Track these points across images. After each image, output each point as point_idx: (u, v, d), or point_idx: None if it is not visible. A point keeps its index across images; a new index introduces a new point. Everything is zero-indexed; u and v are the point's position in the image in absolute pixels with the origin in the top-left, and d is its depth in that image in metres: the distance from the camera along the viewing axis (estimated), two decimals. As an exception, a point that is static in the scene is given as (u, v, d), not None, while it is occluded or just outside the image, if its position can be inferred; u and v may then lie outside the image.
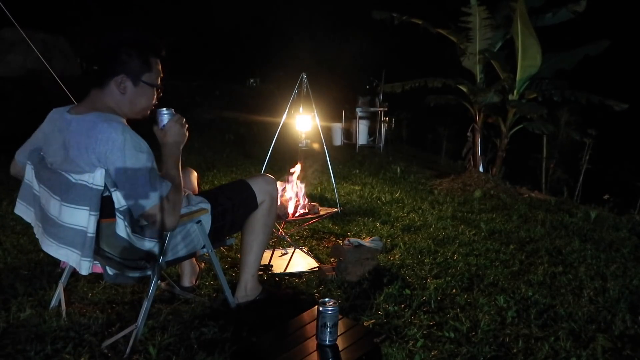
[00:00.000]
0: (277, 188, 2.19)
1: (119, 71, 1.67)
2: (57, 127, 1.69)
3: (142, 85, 1.71)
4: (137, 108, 1.74)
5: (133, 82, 1.69)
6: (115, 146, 1.55)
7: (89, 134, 1.57)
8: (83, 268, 1.59)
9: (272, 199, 2.14)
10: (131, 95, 1.70)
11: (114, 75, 1.67)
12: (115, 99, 1.69)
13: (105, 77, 1.68)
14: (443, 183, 5.35)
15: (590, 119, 6.38)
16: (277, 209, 2.24)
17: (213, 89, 14.47)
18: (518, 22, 4.80)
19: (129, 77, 1.68)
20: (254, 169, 5.85)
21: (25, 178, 1.80)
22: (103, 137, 1.55)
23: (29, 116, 3.52)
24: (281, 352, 1.46)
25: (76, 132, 1.61)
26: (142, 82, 1.71)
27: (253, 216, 2.10)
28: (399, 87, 6.14)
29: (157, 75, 1.76)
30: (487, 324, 2.04)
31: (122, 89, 1.68)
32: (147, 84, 1.72)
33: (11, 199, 3.64)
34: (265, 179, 2.15)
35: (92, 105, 1.68)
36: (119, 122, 1.60)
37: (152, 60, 1.73)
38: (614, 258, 2.98)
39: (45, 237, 1.70)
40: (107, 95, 1.69)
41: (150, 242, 1.76)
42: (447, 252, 3.00)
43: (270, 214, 2.14)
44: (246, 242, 2.12)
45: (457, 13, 5.31)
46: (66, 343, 1.78)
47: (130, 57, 1.68)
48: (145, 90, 1.73)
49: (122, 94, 1.69)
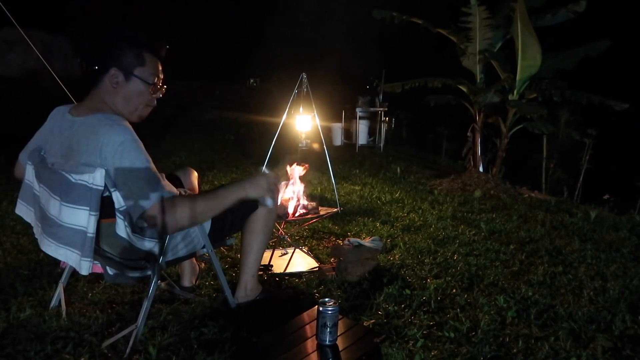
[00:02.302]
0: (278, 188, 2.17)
1: (111, 65, 1.67)
2: (59, 127, 1.70)
3: (134, 80, 1.69)
4: (132, 106, 1.72)
5: (125, 76, 1.68)
6: (115, 147, 1.55)
7: (91, 136, 1.57)
8: (83, 268, 1.59)
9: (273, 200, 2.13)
10: (124, 90, 1.69)
11: (106, 70, 1.67)
12: (110, 95, 1.68)
13: (99, 73, 1.68)
14: (443, 183, 5.35)
15: (590, 119, 6.38)
16: (277, 209, 2.23)
17: (213, 89, 14.48)
18: (518, 22, 4.80)
19: (121, 71, 1.67)
20: (254, 169, 5.85)
21: (26, 178, 1.80)
22: (104, 139, 1.55)
23: (29, 116, 3.52)
24: (281, 352, 1.46)
25: (78, 134, 1.61)
26: (134, 77, 1.69)
27: (253, 216, 2.08)
28: (399, 87, 6.13)
29: (152, 72, 1.74)
30: (487, 324, 2.04)
31: (114, 83, 1.67)
32: (139, 79, 1.70)
33: (11, 199, 3.64)
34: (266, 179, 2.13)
35: (92, 105, 1.68)
36: (120, 124, 1.60)
37: (145, 55, 1.71)
38: (614, 258, 2.98)
39: (45, 237, 1.70)
40: (103, 93, 1.69)
41: (150, 242, 1.76)
42: (447, 252, 3.00)
43: (271, 215, 2.12)
44: (246, 243, 2.11)
45: (457, 13, 5.31)
46: (66, 343, 1.78)
47: (122, 51, 1.67)
48: (137, 85, 1.70)
49: (115, 88, 1.68)
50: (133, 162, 1.57)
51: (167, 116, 8.18)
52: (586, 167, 6.15)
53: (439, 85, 5.70)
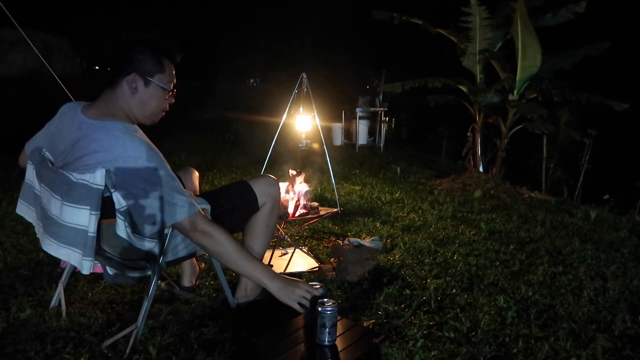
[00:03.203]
0: (279, 190, 2.14)
1: (132, 70, 1.66)
2: (67, 126, 1.67)
3: (154, 87, 1.70)
4: (147, 111, 1.73)
5: (144, 82, 1.68)
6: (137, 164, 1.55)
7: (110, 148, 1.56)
8: (85, 267, 1.59)
9: (274, 201, 2.10)
10: (142, 95, 1.69)
11: (126, 74, 1.66)
12: (126, 99, 1.68)
13: (117, 76, 1.67)
14: (443, 183, 5.35)
15: (590, 119, 6.38)
16: (279, 211, 2.21)
17: (213, 89, 14.47)
18: (518, 22, 4.80)
19: (140, 76, 1.67)
20: (254, 169, 5.85)
21: (26, 178, 1.80)
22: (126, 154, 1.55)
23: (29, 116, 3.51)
24: (281, 352, 1.46)
25: (91, 137, 1.59)
26: (154, 83, 1.70)
27: (254, 218, 2.07)
28: (399, 87, 6.13)
29: (169, 79, 1.74)
30: (487, 324, 2.04)
31: (133, 88, 1.67)
32: (158, 86, 1.71)
33: (11, 199, 3.64)
34: (267, 180, 2.11)
35: (106, 109, 1.67)
36: (140, 139, 1.59)
37: (165, 62, 1.72)
38: (614, 258, 2.98)
39: (46, 236, 1.70)
40: (119, 96, 1.68)
41: (150, 243, 1.76)
42: (447, 252, 3.00)
43: (272, 217, 2.11)
44: (247, 244, 2.10)
45: (458, 13, 5.31)
46: (66, 343, 1.77)
47: (144, 56, 1.67)
48: (156, 91, 1.71)
49: (133, 93, 1.68)
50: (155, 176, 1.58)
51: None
52: (586, 167, 6.14)
53: (439, 85, 5.70)
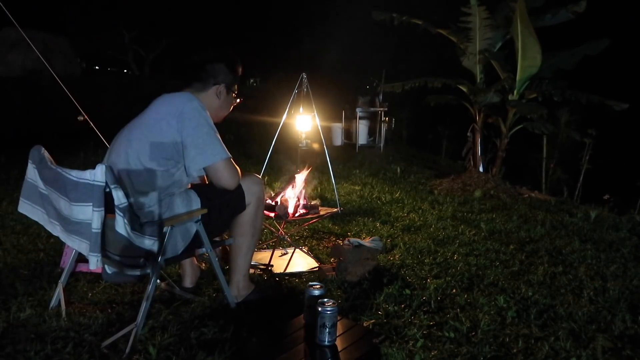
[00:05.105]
0: (263, 189, 2.18)
1: (221, 81, 2.06)
2: None
3: (231, 95, 2.12)
4: (221, 113, 2.12)
5: (227, 91, 2.09)
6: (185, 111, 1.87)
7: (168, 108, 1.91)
8: (91, 263, 1.63)
9: (259, 200, 2.14)
10: (223, 101, 2.09)
11: (217, 84, 2.05)
12: (210, 101, 2.05)
13: (207, 83, 2.04)
14: (443, 183, 5.35)
15: (590, 119, 6.38)
16: (263, 210, 2.26)
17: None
18: (518, 22, 4.80)
19: (225, 86, 2.07)
20: (254, 169, 5.85)
21: (28, 177, 1.84)
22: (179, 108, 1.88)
23: (29, 116, 3.51)
24: (281, 352, 1.47)
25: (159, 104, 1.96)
26: (232, 92, 2.11)
27: (241, 218, 2.10)
28: (399, 87, 6.13)
29: (236, 88, 2.14)
30: (487, 324, 2.04)
31: (219, 94, 2.06)
32: (234, 94, 2.13)
33: (11, 199, 3.63)
34: (253, 180, 2.13)
35: None
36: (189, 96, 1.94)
37: (239, 76, 2.13)
38: (614, 258, 2.98)
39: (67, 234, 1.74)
40: (205, 96, 2.04)
41: (149, 240, 1.76)
42: (447, 252, 3.00)
43: (258, 216, 2.15)
44: (235, 244, 2.14)
45: (458, 13, 5.31)
46: (66, 343, 1.78)
47: (231, 71, 2.09)
48: (231, 99, 2.14)
49: (218, 98, 2.07)
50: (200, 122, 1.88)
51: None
52: (586, 167, 6.14)
53: (439, 85, 5.70)
